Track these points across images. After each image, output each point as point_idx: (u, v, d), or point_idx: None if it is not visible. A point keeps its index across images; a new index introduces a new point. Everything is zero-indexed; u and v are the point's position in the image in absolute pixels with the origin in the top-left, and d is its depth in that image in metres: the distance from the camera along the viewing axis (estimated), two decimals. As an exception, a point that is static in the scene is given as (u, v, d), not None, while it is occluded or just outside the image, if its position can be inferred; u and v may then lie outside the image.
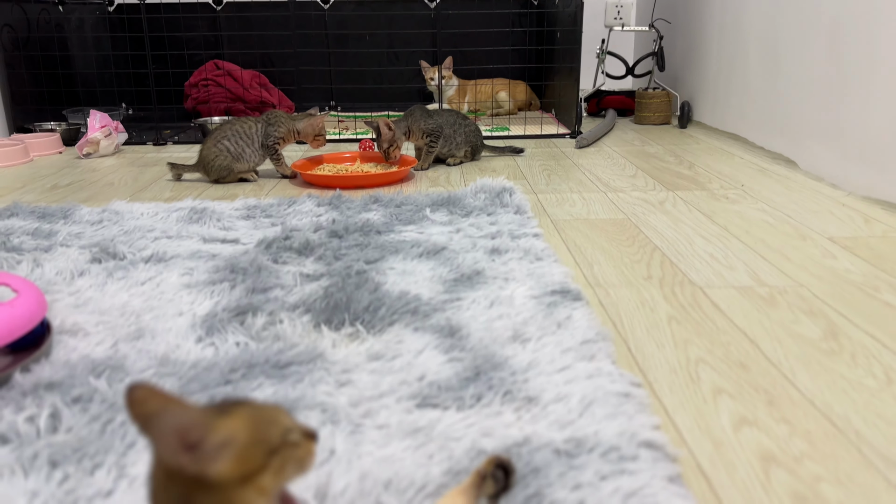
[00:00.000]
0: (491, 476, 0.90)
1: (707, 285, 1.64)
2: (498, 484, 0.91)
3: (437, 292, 1.55)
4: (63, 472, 0.96)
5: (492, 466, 0.91)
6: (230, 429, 0.65)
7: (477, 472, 0.91)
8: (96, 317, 1.45)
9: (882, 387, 1.19)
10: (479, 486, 0.89)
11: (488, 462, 0.92)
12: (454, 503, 0.86)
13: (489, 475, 0.90)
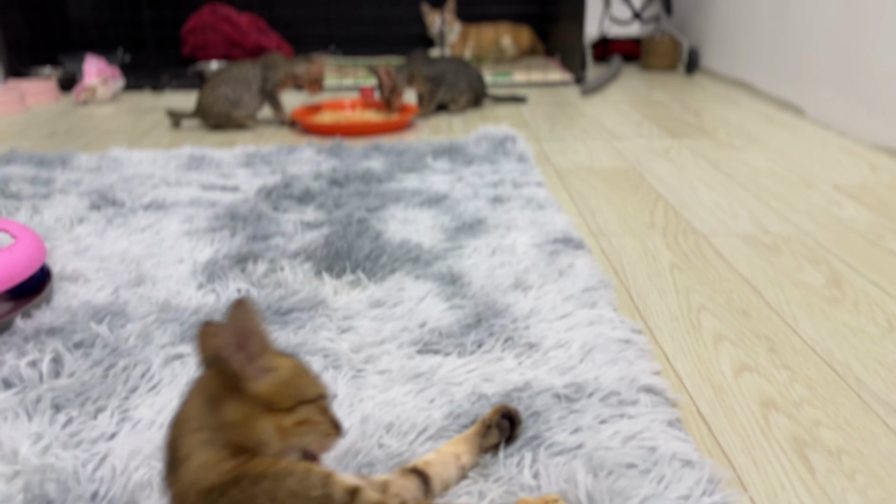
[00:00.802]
0: (496, 425, 0.90)
1: (711, 233, 1.62)
2: (503, 433, 0.90)
3: (439, 240, 1.54)
4: (66, 415, 0.97)
5: (498, 416, 0.91)
6: (281, 362, 0.73)
7: (482, 420, 0.90)
8: (96, 263, 1.44)
9: (883, 334, 1.19)
10: (484, 434, 0.89)
11: (494, 411, 0.92)
12: (456, 450, 0.87)
13: (494, 424, 0.90)
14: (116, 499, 0.82)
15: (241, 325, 0.70)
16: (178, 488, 0.69)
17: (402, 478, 0.80)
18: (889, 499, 0.84)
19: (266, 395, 0.70)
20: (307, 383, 0.74)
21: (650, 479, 0.84)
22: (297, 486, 0.65)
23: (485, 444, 0.89)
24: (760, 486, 0.86)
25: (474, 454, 0.87)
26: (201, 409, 0.70)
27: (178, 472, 0.69)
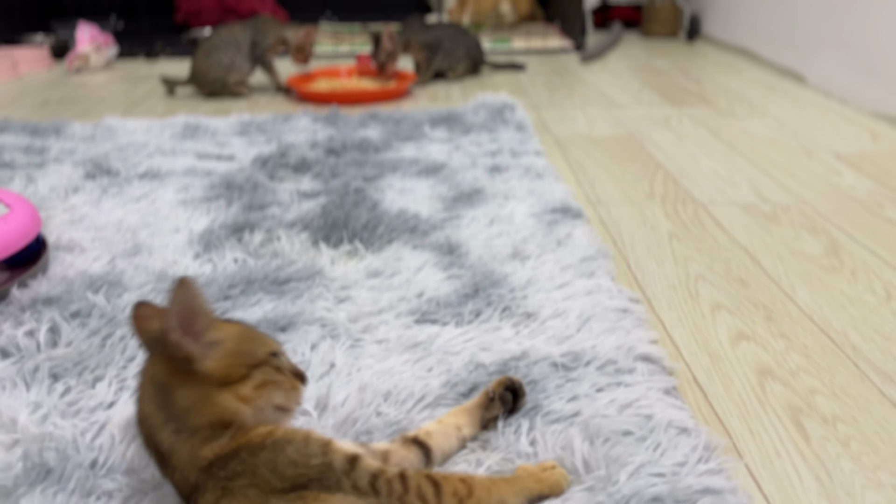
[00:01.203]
0: (499, 398, 0.90)
1: (710, 202, 1.62)
2: (505, 406, 0.90)
3: (437, 210, 1.53)
4: (64, 384, 0.97)
5: (501, 388, 0.91)
6: (225, 332, 0.72)
7: (486, 392, 0.90)
8: (92, 233, 1.43)
9: (881, 303, 1.19)
10: (486, 406, 0.89)
11: (498, 383, 0.91)
12: (458, 421, 0.87)
13: (497, 396, 0.90)
14: (116, 467, 0.83)
15: (185, 305, 0.68)
16: (178, 476, 0.69)
17: (403, 448, 0.81)
18: (883, 465, 0.84)
19: (217, 370, 0.69)
20: (255, 346, 0.73)
21: (646, 446, 0.85)
22: (296, 455, 0.65)
23: (486, 417, 0.88)
24: (756, 453, 0.87)
25: (476, 426, 0.87)
26: (156, 401, 0.70)
27: (170, 463, 0.69)
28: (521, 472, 0.78)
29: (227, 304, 1.15)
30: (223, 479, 0.65)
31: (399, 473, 0.68)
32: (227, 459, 0.66)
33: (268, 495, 0.63)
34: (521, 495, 0.73)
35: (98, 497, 0.79)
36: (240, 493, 0.64)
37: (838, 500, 0.80)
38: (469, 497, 0.69)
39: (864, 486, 0.81)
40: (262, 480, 0.64)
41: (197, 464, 0.67)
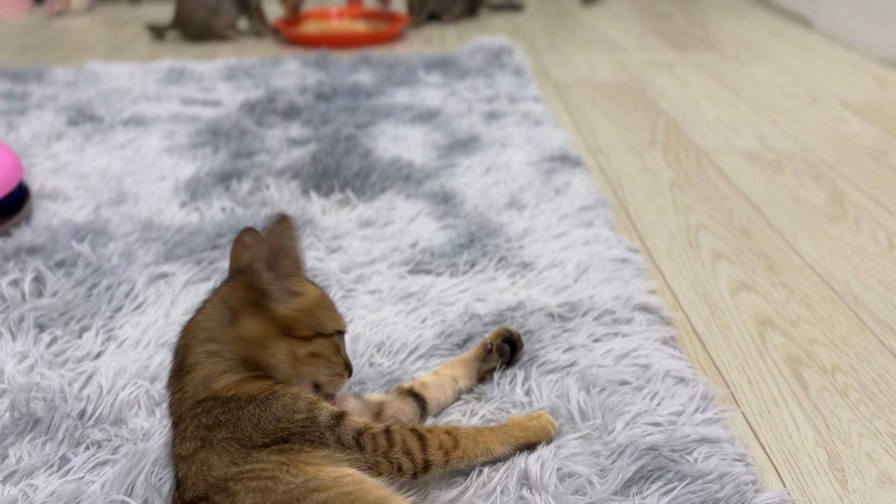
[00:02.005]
0: (497, 350, 0.88)
1: (712, 150, 1.58)
2: (503, 358, 0.89)
3: (431, 158, 1.49)
4: (51, 334, 0.95)
5: (500, 339, 0.89)
6: (308, 289, 0.73)
7: (483, 344, 0.88)
8: (76, 181, 1.40)
9: (883, 252, 1.17)
10: (483, 358, 0.87)
11: (496, 334, 0.90)
12: (454, 373, 0.86)
13: (495, 348, 0.88)
14: (104, 417, 0.81)
15: (278, 242, 0.68)
16: (179, 396, 0.68)
17: (398, 400, 0.80)
18: (880, 414, 0.83)
19: (287, 318, 0.69)
20: (328, 316, 0.73)
21: (643, 395, 0.84)
22: (281, 412, 0.65)
23: (483, 369, 0.87)
24: (754, 402, 0.86)
25: (472, 378, 0.86)
26: (218, 319, 0.69)
27: (183, 380, 0.68)
28: (509, 422, 0.77)
29: (216, 254, 1.13)
30: (204, 428, 0.64)
31: (384, 429, 0.67)
32: (217, 405, 0.65)
33: (249, 450, 0.62)
34: (508, 444, 0.73)
35: (87, 447, 0.78)
36: (219, 447, 0.63)
37: (835, 448, 0.79)
38: (455, 448, 0.69)
39: (861, 435, 0.80)
40: (244, 435, 0.63)
41: (200, 393, 0.67)
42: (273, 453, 0.62)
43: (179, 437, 0.66)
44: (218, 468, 0.61)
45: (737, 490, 0.71)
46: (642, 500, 0.71)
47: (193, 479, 0.62)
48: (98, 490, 0.71)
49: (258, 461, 0.61)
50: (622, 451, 0.76)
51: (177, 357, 0.71)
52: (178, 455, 0.65)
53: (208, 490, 0.60)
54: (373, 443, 0.66)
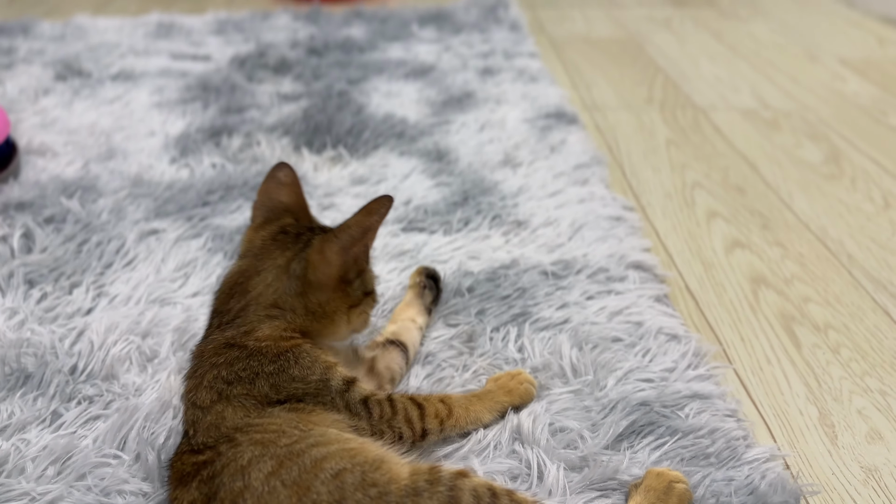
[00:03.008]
0: (427, 286, 0.93)
1: (710, 108, 1.56)
2: (433, 292, 0.93)
3: (425, 115, 1.47)
4: (41, 290, 0.94)
5: (423, 276, 0.94)
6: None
7: (416, 283, 0.93)
8: (64, 136, 1.37)
9: (879, 211, 1.17)
10: (421, 295, 0.92)
11: (417, 273, 0.94)
12: (409, 314, 0.88)
13: (425, 284, 0.92)
14: (95, 373, 0.81)
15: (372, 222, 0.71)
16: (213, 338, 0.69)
17: (385, 351, 0.82)
18: (871, 371, 0.84)
19: (354, 291, 0.74)
20: (372, 274, 0.77)
21: (635, 352, 0.84)
22: (299, 372, 0.66)
23: (426, 303, 0.91)
24: (746, 359, 0.86)
25: (424, 314, 0.90)
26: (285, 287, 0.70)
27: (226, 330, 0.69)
28: (492, 385, 0.78)
29: (206, 210, 1.11)
30: (222, 382, 0.65)
31: (387, 397, 0.69)
32: (242, 356, 0.66)
33: (263, 406, 0.64)
34: (495, 410, 0.75)
35: (79, 402, 0.77)
36: (236, 402, 0.64)
37: (826, 405, 0.79)
38: (449, 417, 0.71)
39: (852, 392, 0.81)
40: (260, 393, 0.64)
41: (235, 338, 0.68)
42: (286, 410, 0.64)
43: (195, 382, 0.66)
44: (232, 420, 0.63)
45: (727, 445, 0.72)
46: (633, 454, 0.72)
47: (206, 428, 0.63)
48: (90, 444, 0.71)
49: (270, 416, 0.63)
50: (613, 406, 0.76)
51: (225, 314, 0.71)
52: (194, 403, 0.65)
53: (219, 439, 0.61)
54: (379, 409, 0.68)
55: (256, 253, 0.73)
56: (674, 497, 0.64)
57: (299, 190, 0.79)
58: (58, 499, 0.66)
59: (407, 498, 0.55)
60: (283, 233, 0.74)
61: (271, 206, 0.77)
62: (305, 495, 0.55)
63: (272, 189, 0.77)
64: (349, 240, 0.71)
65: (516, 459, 0.71)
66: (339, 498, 0.55)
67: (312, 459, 0.58)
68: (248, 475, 0.57)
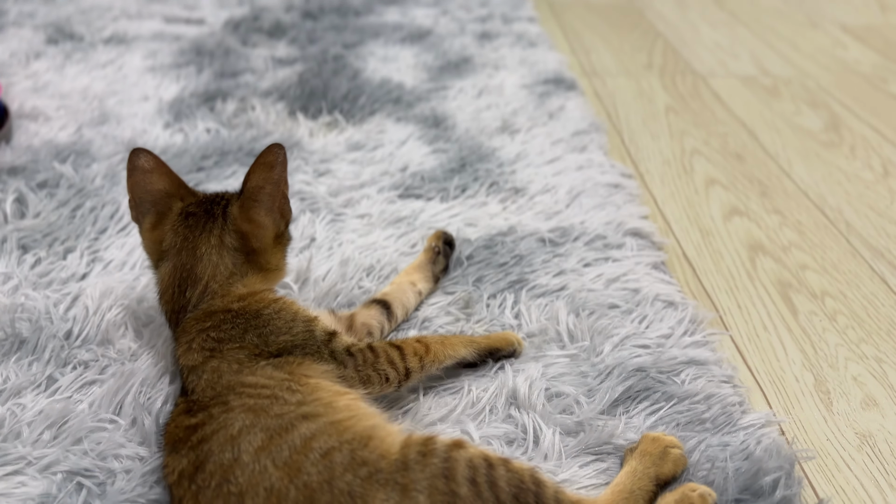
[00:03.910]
0: (442, 252, 0.92)
1: (709, 75, 1.54)
2: (447, 259, 0.93)
3: (422, 80, 1.45)
4: (34, 255, 0.94)
5: (441, 241, 0.93)
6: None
7: (431, 247, 0.92)
8: (57, 101, 1.35)
9: (878, 179, 1.16)
10: (433, 261, 0.91)
11: (436, 237, 0.93)
12: (411, 278, 0.88)
13: (441, 250, 0.92)
14: (90, 338, 0.81)
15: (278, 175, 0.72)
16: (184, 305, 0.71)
17: (364, 308, 0.83)
18: (867, 339, 0.84)
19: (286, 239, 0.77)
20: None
21: (632, 318, 0.84)
22: (282, 325, 0.68)
23: (435, 271, 0.90)
24: (743, 326, 0.86)
25: (429, 280, 0.89)
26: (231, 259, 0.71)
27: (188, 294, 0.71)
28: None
29: (201, 176, 1.10)
30: (213, 341, 0.66)
31: (367, 345, 0.71)
32: (228, 318, 0.67)
33: (257, 357, 0.65)
34: (472, 347, 0.76)
35: (74, 367, 0.77)
36: (229, 355, 0.65)
37: (821, 371, 0.80)
38: (427, 354, 0.72)
39: (848, 359, 0.81)
40: (251, 345, 0.66)
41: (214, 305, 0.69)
42: (277, 368, 0.64)
43: (184, 347, 0.67)
44: (227, 374, 0.63)
45: (723, 411, 0.72)
46: (629, 419, 0.72)
47: (203, 386, 0.63)
48: (86, 409, 0.71)
49: (262, 372, 0.63)
50: (610, 372, 0.76)
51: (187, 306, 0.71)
52: (185, 366, 0.66)
53: (214, 398, 0.62)
54: (362, 356, 0.69)
55: (179, 247, 0.72)
56: (669, 462, 0.64)
57: (167, 169, 0.75)
58: (54, 463, 0.66)
59: (398, 473, 0.55)
60: (189, 216, 0.73)
61: (151, 198, 0.74)
62: (297, 477, 0.55)
63: (142, 181, 0.74)
64: (269, 199, 0.72)
65: (512, 424, 0.71)
66: (329, 478, 0.55)
67: (301, 437, 0.58)
68: (238, 447, 0.57)
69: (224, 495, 0.55)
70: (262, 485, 0.55)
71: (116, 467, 0.66)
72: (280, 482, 0.55)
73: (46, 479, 0.65)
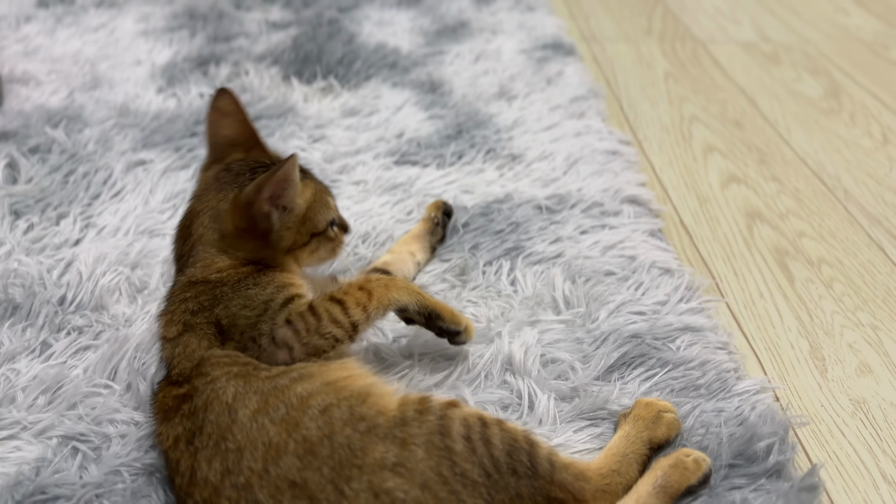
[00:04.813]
0: (440, 223, 0.91)
1: (709, 41, 1.52)
2: (444, 229, 0.92)
3: (418, 45, 1.42)
4: (27, 221, 0.93)
5: (440, 211, 0.92)
6: (303, 197, 0.71)
7: (430, 218, 0.91)
8: (48, 65, 1.33)
9: (877, 147, 1.15)
10: (432, 231, 0.90)
11: (436, 207, 0.92)
12: (410, 248, 0.87)
13: (440, 221, 0.91)
14: (84, 303, 0.80)
15: (286, 179, 0.67)
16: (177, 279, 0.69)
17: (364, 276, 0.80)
18: (864, 306, 0.84)
19: (286, 240, 0.70)
20: (320, 214, 0.73)
21: (628, 285, 0.84)
22: (252, 295, 0.65)
23: (433, 241, 0.90)
24: (739, 293, 0.86)
25: (426, 251, 0.89)
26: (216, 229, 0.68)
27: (185, 270, 0.69)
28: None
29: (195, 141, 1.09)
30: (188, 313, 0.65)
31: (308, 305, 0.65)
32: (206, 289, 0.66)
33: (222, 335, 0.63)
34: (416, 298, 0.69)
35: (68, 332, 0.77)
36: (199, 330, 0.64)
37: (817, 338, 0.80)
38: (370, 301, 0.67)
39: (844, 326, 0.81)
40: (217, 318, 0.64)
41: (196, 275, 0.67)
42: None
43: (166, 318, 0.67)
44: (197, 349, 0.62)
45: (718, 377, 0.72)
46: (623, 385, 0.72)
47: (179, 359, 0.63)
48: (81, 374, 0.71)
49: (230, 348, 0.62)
50: (605, 338, 0.76)
51: (181, 258, 0.70)
52: (164, 337, 0.66)
53: (191, 371, 0.61)
54: (303, 322, 0.64)
55: (199, 195, 0.71)
56: (662, 426, 0.65)
57: (243, 117, 0.75)
58: (49, 427, 0.66)
59: (395, 428, 0.56)
60: (226, 170, 0.72)
61: (215, 141, 0.74)
62: (295, 431, 0.55)
63: (215, 122, 0.74)
64: (253, 193, 0.66)
65: (507, 390, 0.71)
66: (329, 433, 0.55)
67: (298, 396, 0.58)
68: (235, 411, 0.57)
69: (222, 452, 0.55)
70: (261, 440, 0.55)
71: (111, 432, 0.66)
72: (278, 436, 0.55)
73: (42, 444, 0.65)
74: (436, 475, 0.53)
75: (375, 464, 0.54)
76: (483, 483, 0.54)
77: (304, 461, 0.54)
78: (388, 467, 0.53)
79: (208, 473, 0.55)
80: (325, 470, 0.53)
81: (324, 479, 0.53)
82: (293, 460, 0.54)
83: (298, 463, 0.54)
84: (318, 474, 0.53)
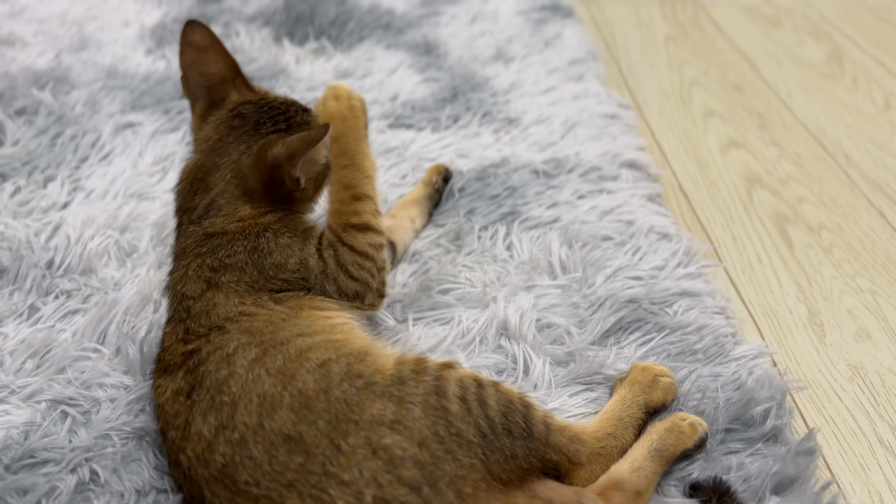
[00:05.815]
0: (439, 188, 0.90)
1: (710, 3, 1.49)
2: (440, 194, 0.91)
3: (413, 6, 1.39)
4: (14, 184, 0.91)
5: (440, 175, 0.91)
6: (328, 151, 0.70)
7: (430, 182, 0.90)
8: (34, 26, 1.29)
9: (879, 112, 1.14)
10: (431, 196, 0.89)
11: (436, 171, 0.91)
12: (410, 213, 0.86)
13: (440, 186, 0.90)
14: (73, 267, 0.79)
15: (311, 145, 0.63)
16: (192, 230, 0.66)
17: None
18: (863, 272, 0.83)
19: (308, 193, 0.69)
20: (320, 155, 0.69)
21: (625, 250, 0.82)
22: (280, 258, 0.64)
23: (430, 206, 0.89)
24: (737, 258, 0.85)
25: (425, 216, 0.87)
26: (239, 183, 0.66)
27: (202, 222, 0.66)
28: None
29: (184, 104, 1.06)
30: (208, 270, 0.63)
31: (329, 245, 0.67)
32: (224, 242, 0.64)
33: (259, 292, 0.62)
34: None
35: (56, 296, 0.76)
36: (226, 289, 0.62)
37: (815, 304, 0.79)
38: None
39: (842, 292, 0.81)
40: (251, 279, 0.63)
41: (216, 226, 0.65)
42: (279, 303, 0.62)
43: (180, 272, 0.64)
44: (224, 307, 0.61)
45: (715, 342, 0.71)
46: (619, 350, 0.71)
47: (197, 315, 0.61)
48: (69, 338, 0.70)
49: (264, 307, 0.61)
50: (601, 303, 0.76)
51: (192, 210, 0.67)
52: (183, 294, 0.63)
53: (210, 328, 0.59)
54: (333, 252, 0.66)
55: (212, 146, 0.67)
56: (658, 390, 0.64)
57: (223, 49, 0.70)
58: (38, 391, 0.65)
59: (392, 387, 0.55)
60: (238, 117, 0.68)
61: (206, 82, 0.69)
62: (291, 383, 0.54)
63: (196, 61, 0.69)
64: (284, 158, 0.63)
65: (502, 354, 0.71)
66: (325, 387, 0.54)
67: (297, 349, 0.57)
68: (234, 363, 0.56)
69: (217, 406, 0.54)
70: (255, 392, 0.54)
71: (101, 396, 0.65)
72: (273, 388, 0.54)
73: (30, 408, 0.64)
74: (432, 434, 0.53)
75: (373, 420, 0.53)
76: (478, 443, 0.53)
77: (300, 414, 0.53)
78: (385, 424, 0.53)
79: (202, 427, 0.54)
80: (321, 424, 0.52)
81: (319, 434, 0.52)
82: (288, 413, 0.53)
83: (293, 416, 0.53)
84: (313, 428, 0.52)
